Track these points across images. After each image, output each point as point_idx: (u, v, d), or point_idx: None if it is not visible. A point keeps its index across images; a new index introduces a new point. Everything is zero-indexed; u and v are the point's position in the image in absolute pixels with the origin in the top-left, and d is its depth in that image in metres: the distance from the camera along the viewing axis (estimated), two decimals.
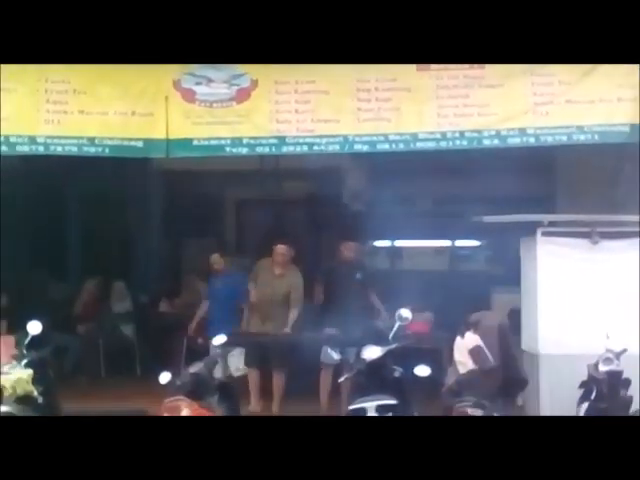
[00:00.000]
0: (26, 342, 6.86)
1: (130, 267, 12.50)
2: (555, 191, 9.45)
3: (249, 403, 8.63)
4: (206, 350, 8.05)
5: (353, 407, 6.20)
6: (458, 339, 6.92)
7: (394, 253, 12.06)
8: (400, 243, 12.01)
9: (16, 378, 6.46)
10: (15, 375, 6.50)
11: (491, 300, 9.25)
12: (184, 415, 6.15)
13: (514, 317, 8.10)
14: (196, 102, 7.52)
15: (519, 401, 7.86)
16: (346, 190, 12.17)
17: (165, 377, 6.62)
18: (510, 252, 8.67)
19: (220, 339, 7.32)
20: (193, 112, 7.52)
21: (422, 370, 6.59)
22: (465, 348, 6.81)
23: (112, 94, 7.44)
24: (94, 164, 8.25)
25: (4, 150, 7.42)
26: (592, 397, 6.51)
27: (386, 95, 7.39)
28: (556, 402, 7.50)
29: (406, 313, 6.95)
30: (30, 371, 6.58)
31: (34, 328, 6.91)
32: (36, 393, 6.55)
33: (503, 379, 6.70)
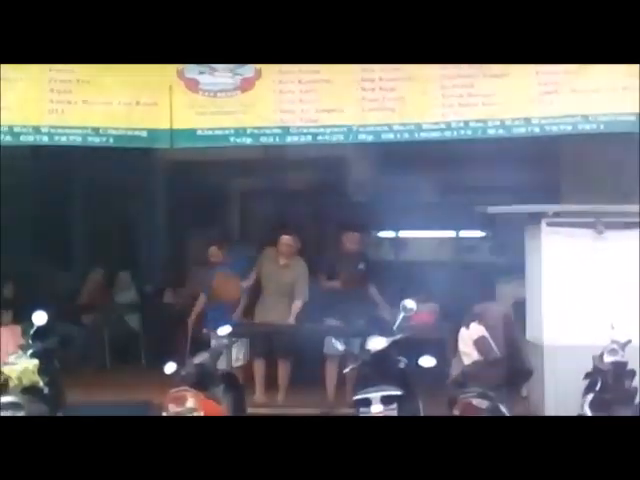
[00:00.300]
0: (31, 332, 6.87)
1: (135, 257, 12.52)
2: (560, 181, 9.41)
3: (254, 393, 8.64)
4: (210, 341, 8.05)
5: (358, 397, 6.20)
6: (463, 330, 6.91)
7: (398, 244, 12.05)
8: (404, 234, 12.00)
9: (22, 368, 6.49)
10: (21, 365, 6.52)
11: (496, 291, 9.24)
12: (189, 406, 6.17)
13: (519, 308, 8.09)
14: (200, 92, 7.50)
15: (524, 392, 7.86)
16: (350, 180, 12.16)
17: (170, 367, 6.64)
18: (515, 243, 8.65)
19: (225, 329, 7.33)
20: (197, 102, 7.50)
21: (427, 361, 6.59)
22: (470, 339, 6.80)
23: (116, 84, 7.43)
24: (98, 154, 8.24)
25: (8, 140, 7.41)
26: (597, 388, 6.51)
27: (390, 85, 7.36)
28: (561, 393, 7.50)
29: (410, 304, 6.95)
30: (36, 361, 6.59)
31: (39, 318, 6.92)
32: (42, 383, 6.57)
33: (508, 370, 6.69)
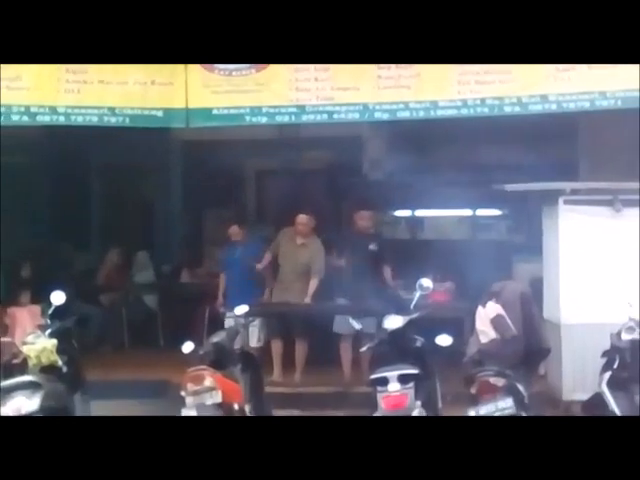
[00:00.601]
0: (50, 312, 6.91)
1: (152, 237, 12.56)
2: (577, 158, 9.36)
3: (271, 373, 8.67)
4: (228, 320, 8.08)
5: (375, 376, 6.21)
6: (480, 308, 6.90)
7: (415, 222, 12.01)
8: (421, 212, 11.96)
9: (40, 348, 6.53)
10: (40, 345, 6.56)
11: (513, 269, 9.21)
12: (207, 385, 6.21)
13: (536, 286, 8.07)
14: (215, 70, 7.49)
15: (541, 370, 7.84)
16: (366, 159, 12.13)
17: (188, 347, 6.67)
18: (532, 221, 8.62)
19: (242, 309, 7.35)
20: (212, 81, 7.49)
21: (444, 339, 6.59)
22: (487, 317, 6.79)
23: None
24: (115, 133, 8.25)
25: (25, 120, 7.43)
26: (614, 366, 6.48)
27: None
28: (578, 371, 7.50)
29: (427, 282, 6.94)
30: (54, 341, 6.63)
31: (58, 298, 6.95)
32: (60, 363, 6.61)
33: (525, 348, 6.68)
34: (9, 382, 6.12)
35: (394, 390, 6.04)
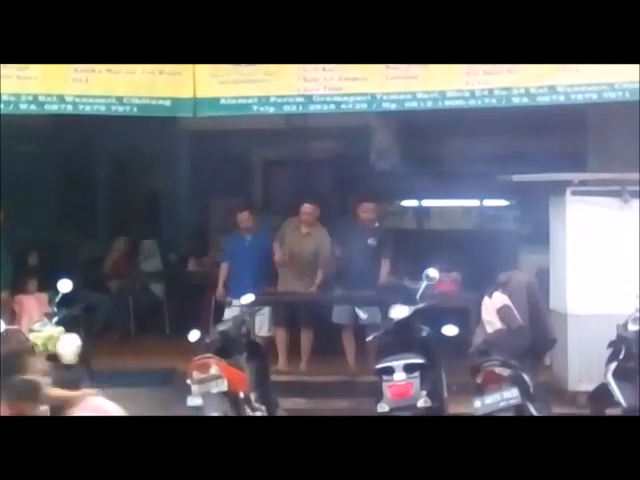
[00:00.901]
0: (57, 300, 6.94)
1: (159, 226, 12.57)
2: (585, 149, 9.33)
3: (277, 362, 8.69)
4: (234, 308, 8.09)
5: (380, 366, 6.23)
6: (486, 299, 6.91)
7: (422, 212, 12.00)
8: (428, 202, 11.95)
9: (47, 336, 6.55)
10: (46, 333, 6.58)
11: (519, 260, 9.20)
12: (213, 373, 6.23)
13: (543, 277, 8.07)
14: None
15: (547, 361, 7.86)
16: (373, 149, 12.11)
17: (194, 335, 6.69)
18: (539, 211, 8.61)
19: (248, 298, 7.36)
20: (220, 70, 7.48)
21: (450, 329, 6.60)
22: (493, 308, 6.80)
23: None
24: (122, 122, 8.26)
25: (33, 109, 7.45)
26: (620, 357, 6.48)
27: None
28: (584, 362, 7.50)
29: (433, 273, 6.95)
30: (61, 329, 6.66)
31: (65, 286, 6.98)
32: None
33: (531, 339, 6.69)
34: None
35: (400, 379, 6.06)
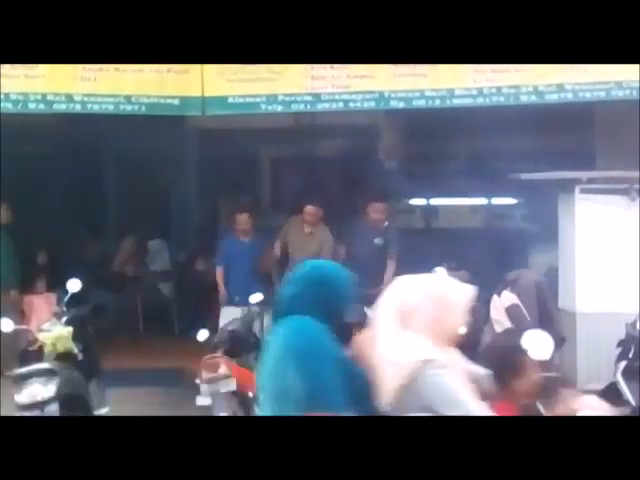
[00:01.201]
0: (66, 300, 6.95)
1: (168, 225, 12.59)
2: (594, 147, 9.32)
3: None
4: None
5: None
6: (495, 297, 6.89)
7: (430, 211, 12.00)
8: (436, 201, 11.94)
9: (57, 335, 6.56)
10: (56, 332, 6.59)
11: (528, 258, 9.19)
12: (222, 373, 6.23)
13: (551, 275, 8.06)
14: None
15: (556, 360, 7.83)
16: (381, 147, 12.10)
17: (203, 334, 6.70)
18: (548, 210, 8.59)
19: (257, 297, 7.36)
20: (228, 69, 7.48)
21: None
22: (502, 306, 6.79)
23: None
24: (131, 121, 8.26)
25: (41, 108, 7.46)
26: (630, 356, 6.47)
27: None
28: (593, 361, 7.48)
29: (441, 271, 6.93)
30: (70, 328, 6.66)
31: (74, 286, 6.98)
32: (76, 350, 6.65)
33: None
34: (25, 369, 6.17)
35: None
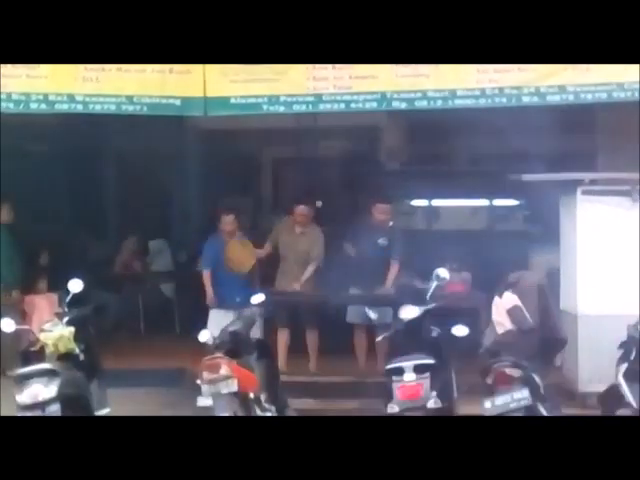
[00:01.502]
0: (67, 300, 6.94)
1: (169, 225, 12.59)
2: (596, 149, 9.31)
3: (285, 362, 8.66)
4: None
5: (390, 366, 6.21)
6: (496, 299, 6.89)
7: (432, 212, 11.98)
8: (438, 202, 11.92)
9: (58, 335, 6.56)
10: (57, 332, 6.59)
11: (530, 260, 9.18)
12: (223, 373, 6.22)
13: (553, 277, 8.04)
14: None
15: (557, 361, 7.82)
16: (383, 148, 12.09)
17: (204, 335, 6.68)
18: (549, 211, 8.59)
19: (258, 298, 7.35)
20: (230, 70, 7.47)
21: (460, 330, 6.58)
22: (503, 308, 6.78)
23: None
24: (133, 122, 8.26)
25: (43, 108, 7.45)
26: (631, 358, 6.45)
27: None
28: (595, 363, 7.47)
29: (443, 273, 6.92)
30: (72, 328, 6.65)
31: (75, 286, 6.97)
32: (77, 350, 6.64)
33: (541, 339, 6.66)
34: (27, 369, 6.17)
35: (410, 380, 6.04)
